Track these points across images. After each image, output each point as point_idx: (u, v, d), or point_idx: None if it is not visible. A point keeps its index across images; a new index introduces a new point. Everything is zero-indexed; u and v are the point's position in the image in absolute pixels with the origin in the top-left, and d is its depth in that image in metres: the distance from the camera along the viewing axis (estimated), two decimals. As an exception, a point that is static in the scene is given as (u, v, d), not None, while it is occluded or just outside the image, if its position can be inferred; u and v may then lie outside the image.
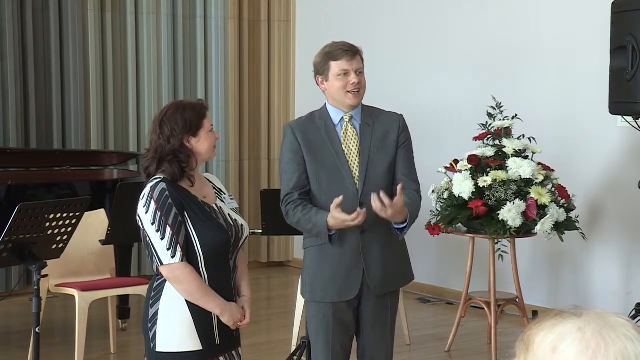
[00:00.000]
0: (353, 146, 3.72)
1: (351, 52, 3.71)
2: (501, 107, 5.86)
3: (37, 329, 4.17)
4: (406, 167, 3.78)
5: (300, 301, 5.75)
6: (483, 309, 5.96)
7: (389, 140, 3.76)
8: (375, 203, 3.51)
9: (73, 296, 5.43)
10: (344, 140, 3.72)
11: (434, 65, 7.61)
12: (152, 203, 3.21)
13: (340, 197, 3.55)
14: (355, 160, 3.71)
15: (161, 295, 3.27)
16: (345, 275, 3.69)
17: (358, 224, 3.58)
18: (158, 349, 3.27)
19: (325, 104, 3.80)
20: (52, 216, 4.28)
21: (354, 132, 3.74)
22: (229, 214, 3.38)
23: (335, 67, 3.69)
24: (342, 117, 3.74)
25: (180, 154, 3.26)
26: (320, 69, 3.75)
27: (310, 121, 3.76)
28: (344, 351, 3.80)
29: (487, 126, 5.86)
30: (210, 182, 3.47)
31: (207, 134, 3.30)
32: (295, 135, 3.70)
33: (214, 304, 3.26)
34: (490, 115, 5.87)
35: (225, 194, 3.48)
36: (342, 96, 3.70)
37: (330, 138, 3.71)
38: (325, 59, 3.73)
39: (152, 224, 3.20)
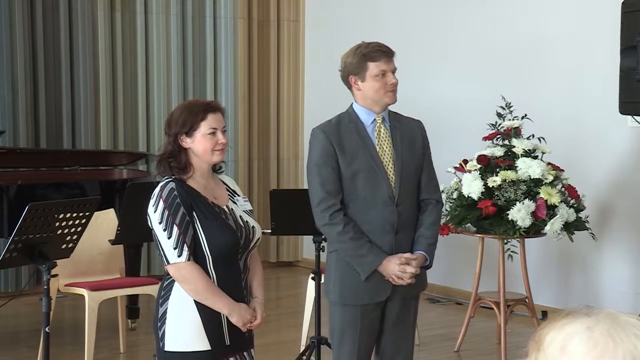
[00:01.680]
0: (386, 147, 3.74)
1: (389, 53, 3.74)
2: (511, 107, 5.85)
3: (46, 329, 4.18)
4: (430, 174, 3.87)
5: (309, 301, 5.75)
6: (492, 309, 5.95)
7: (416, 144, 3.82)
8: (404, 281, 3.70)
9: (82, 296, 5.44)
10: (378, 142, 3.74)
11: (443, 65, 7.60)
12: (161, 202, 3.23)
13: (417, 255, 3.74)
14: (390, 161, 3.73)
15: (170, 294, 3.28)
16: (378, 277, 3.70)
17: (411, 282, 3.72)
18: (167, 348, 3.28)
19: (353, 104, 3.79)
20: (61, 216, 4.29)
21: (386, 133, 3.76)
22: (240, 216, 3.37)
23: (374, 67, 3.69)
24: (375, 119, 3.75)
25: (176, 153, 3.30)
26: (355, 70, 3.72)
27: (339, 124, 3.74)
28: (367, 352, 3.82)
29: (497, 126, 5.85)
30: (225, 183, 3.47)
31: (203, 135, 3.27)
32: (328, 139, 3.68)
33: (221, 304, 3.25)
34: (499, 115, 5.86)
35: (239, 195, 3.47)
36: (380, 96, 3.71)
37: (364, 140, 3.71)
38: (362, 60, 3.71)
39: (160, 223, 3.22)
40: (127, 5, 8.05)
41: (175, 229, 3.20)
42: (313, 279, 5.40)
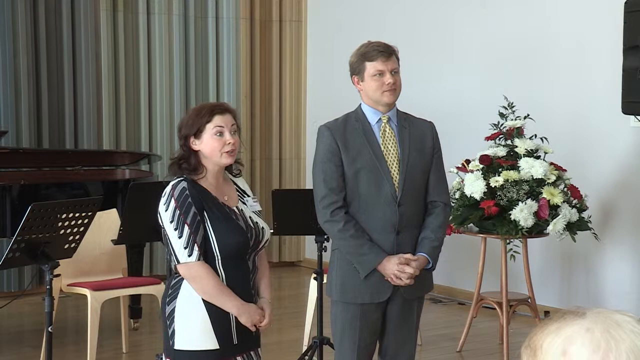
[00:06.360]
0: (392, 147, 3.73)
1: (386, 52, 3.72)
2: (513, 106, 5.85)
3: (49, 328, 4.18)
4: (439, 176, 3.85)
5: (311, 301, 5.75)
6: (495, 309, 5.95)
7: (426, 145, 3.80)
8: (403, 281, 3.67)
9: (85, 295, 5.45)
10: (383, 141, 3.73)
11: (446, 64, 7.60)
12: (172, 201, 3.24)
13: (418, 257, 3.72)
14: (394, 161, 3.72)
15: (178, 293, 3.29)
16: (378, 277, 3.69)
17: (410, 283, 3.69)
18: (176, 347, 3.29)
19: (361, 104, 3.80)
20: (64, 216, 4.29)
21: (392, 132, 3.75)
22: (249, 217, 3.38)
23: (371, 67, 3.70)
24: (380, 118, 3.75)
25: (187, 155, 3.31)
26: (356, 69, 3.75)
27: (346, 123, 3.75)
28: (368, 352, 3.81)
29: (499, 126, 5.85)
30: (235, 184, 3.47)
31: (210, 136, 3.28)
32: (333, 137, 3.69)
33: (231, 304, 3.26)
34: (502, 115, 5.86)
35: (248, 196, 3.47)
36: (378, 95, 3.70)
37: (369, 139, 3.71)
38: (360, 59, 3.72)
39: (171, 222, 3.23)
40: (130, 6, 8.06)
41: (186, 228, 3.21)
42: (315, 279, 5.40)
